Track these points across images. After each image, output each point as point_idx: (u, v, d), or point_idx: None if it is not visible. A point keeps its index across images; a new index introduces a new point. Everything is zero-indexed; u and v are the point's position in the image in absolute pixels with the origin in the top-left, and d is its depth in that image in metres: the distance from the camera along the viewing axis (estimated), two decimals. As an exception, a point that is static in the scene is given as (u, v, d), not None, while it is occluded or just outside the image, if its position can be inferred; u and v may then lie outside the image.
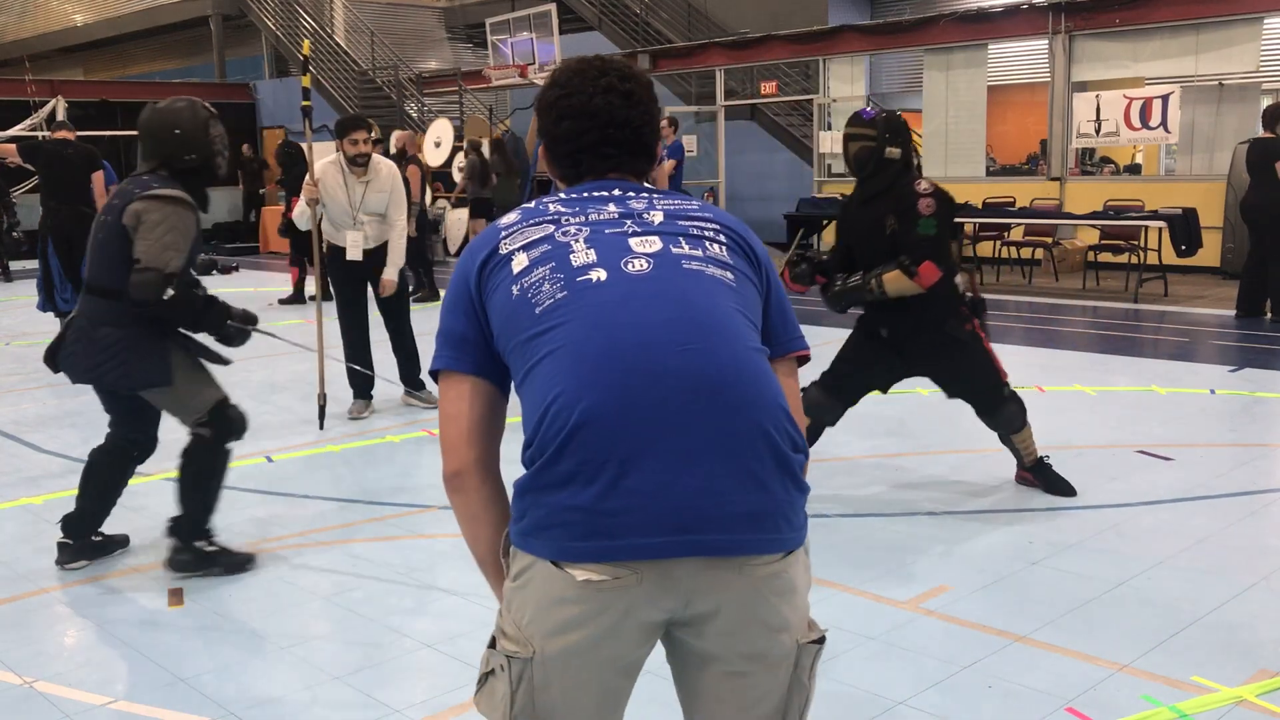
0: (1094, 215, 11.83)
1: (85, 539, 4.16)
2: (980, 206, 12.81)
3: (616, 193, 1.79)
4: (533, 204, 1.80)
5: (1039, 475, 4.77)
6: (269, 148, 20.03)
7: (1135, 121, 12.35)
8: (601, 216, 1.73)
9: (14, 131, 16.18)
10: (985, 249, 12.51)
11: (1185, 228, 10.62)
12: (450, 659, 3.31)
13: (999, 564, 3.96)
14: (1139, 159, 16.50)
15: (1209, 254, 11.75)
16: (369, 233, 6.38)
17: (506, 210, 12.72)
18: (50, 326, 9.29)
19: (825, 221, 13.81)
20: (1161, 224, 10.68)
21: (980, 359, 4.54)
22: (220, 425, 3.98)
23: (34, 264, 8.94)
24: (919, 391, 6.28)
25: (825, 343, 8.55)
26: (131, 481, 4.23)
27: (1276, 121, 9.25)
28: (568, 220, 1.72)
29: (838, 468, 4.88)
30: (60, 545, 4.15)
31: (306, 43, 6.67)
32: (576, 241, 1.68)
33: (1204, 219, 11.19)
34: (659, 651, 1.70)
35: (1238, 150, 11.80)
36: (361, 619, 3.65)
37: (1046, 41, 13.46)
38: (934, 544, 4.18)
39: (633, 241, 1.68)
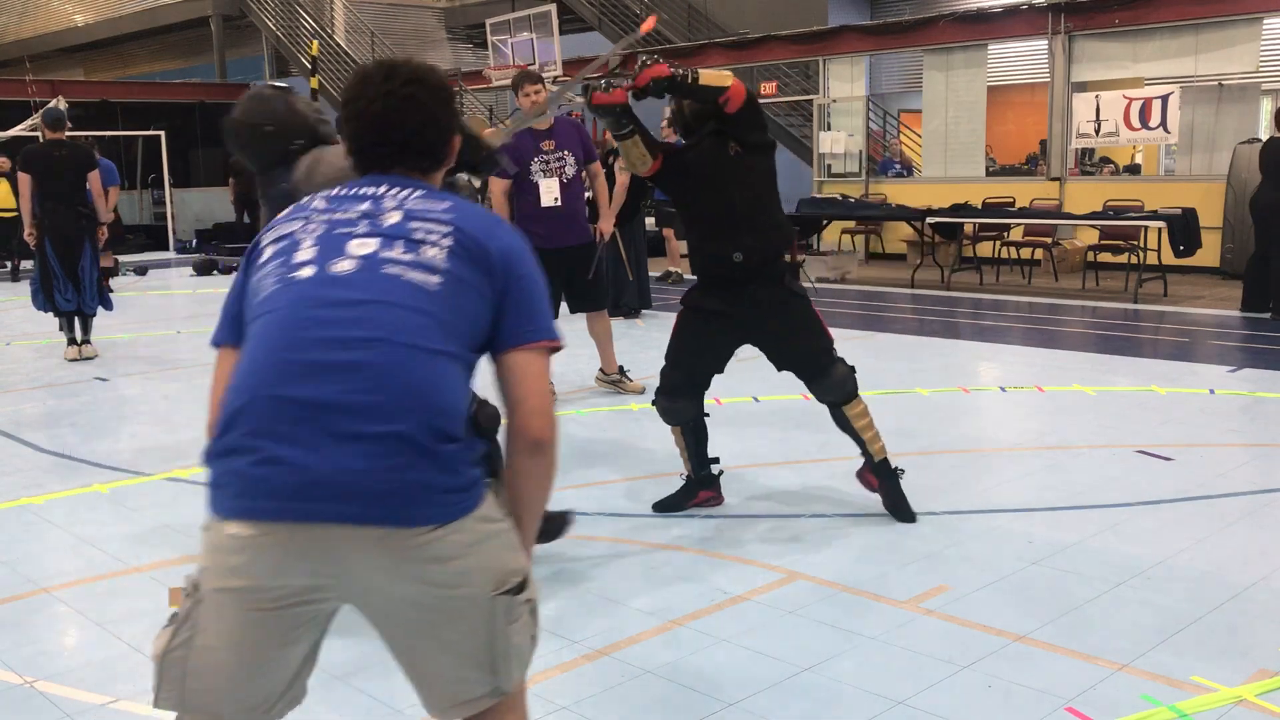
0: (1093, 215, 11.83)
1: None
2: (980, 206, 12.81)
3: (381, 189, 1.95)
4: (304, 200, 2.00)
5: (884, 482, 4.42)
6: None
7: (1135, 122, 12.36)
8: (345, 215, 1.91)
9: (14, 131, 16.20)
10: (985, 249, 12.50)
11: (1184, 228, 10.62)
12: (450, 659, 3.30)
13: (999, 564, 3.96)
14: (1138, 159, 16.52)
15: (1208, 254, 11.75)
16: None
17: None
18: (50, 326, 9.29)
19: (825, 221, 13.84)
20: (1161, 224, 10.68)
21: (813, 316, 4.41)
22: None
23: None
24: (919, 391, 6.30)
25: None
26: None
27: None
28: (316, 218, 1.93)
29: (838, 468, 4.88)
30: None
31: (315, 43, 6.67)
32: (308, 239, 1.89)
33: (1203, 219, 11.19)
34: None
35: (1238, 150, 11.81)
36: (361, 618, 3.63)
37: (1046, 42, 13.47)
38: (934, 544, 4.18)
39: (352, 243, 1.86)
